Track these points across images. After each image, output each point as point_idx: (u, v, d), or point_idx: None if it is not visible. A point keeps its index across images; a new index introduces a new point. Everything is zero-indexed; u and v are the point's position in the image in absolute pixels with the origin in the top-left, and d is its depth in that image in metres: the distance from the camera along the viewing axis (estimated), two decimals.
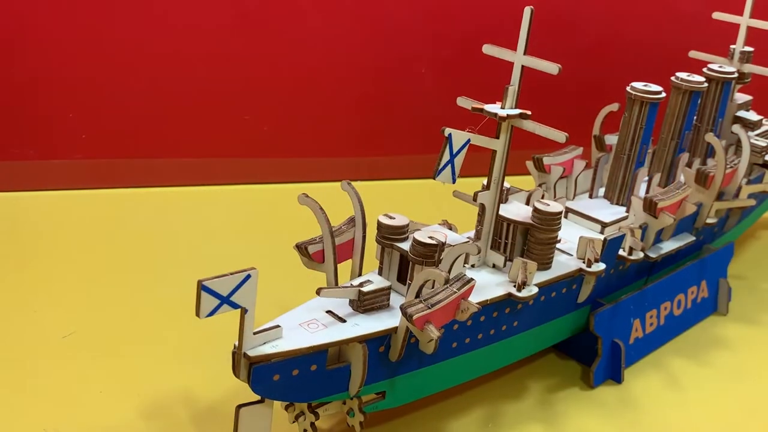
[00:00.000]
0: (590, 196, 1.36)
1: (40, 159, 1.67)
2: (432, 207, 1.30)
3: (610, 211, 1.30)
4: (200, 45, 1.68)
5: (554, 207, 1.09)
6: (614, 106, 1.39)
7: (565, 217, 1.28)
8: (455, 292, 0.92)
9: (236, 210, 1.70)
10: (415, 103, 1.86)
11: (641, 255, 1.23)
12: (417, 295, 0.93)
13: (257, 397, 0.91)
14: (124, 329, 1.24)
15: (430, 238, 0.97)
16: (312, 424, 0.97)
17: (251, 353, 0.86)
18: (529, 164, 1.31)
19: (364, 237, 1.04)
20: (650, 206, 1.21)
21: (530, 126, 1.03)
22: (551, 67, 0.99)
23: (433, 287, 0.94)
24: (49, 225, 1.55)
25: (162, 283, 1.36)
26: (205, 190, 1.76)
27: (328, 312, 0.96)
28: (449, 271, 0.97)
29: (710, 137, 1.35)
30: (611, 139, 1.39)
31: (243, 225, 1.62)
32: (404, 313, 0.89)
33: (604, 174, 1.36)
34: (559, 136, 1.00)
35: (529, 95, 1.08)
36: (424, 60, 1.84)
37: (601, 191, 1.36)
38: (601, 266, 1.14)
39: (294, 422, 0.97)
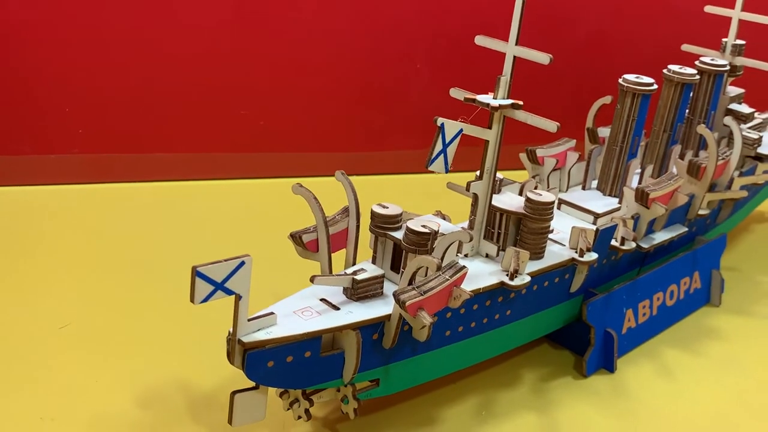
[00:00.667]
0: (583, 188, 1.36)
1: (36, 154, 1.68)
2: (426, 201, 1.31)
3: (602, 203, 1.31)
4: (197, 40, 1.69)
5: (546, 197, 1.10)
6: (607, 99, 1.40)
7: (558, 208, 1.29)
8: (448, 280, 0.93)
9: (232, 204, 1.70)
10: (410, 98, 1.87)
11: (633, 245, 1.24)
12: (410, 283, 0.94)
13: (252, 384, 0.91)
14: (120, 321, 1.25)
15: (423, 226, 0.98)
16: (306, 411, 0.97)
17: (246, 339, 0.87)
18: (523, 156, 1.32)
19: (357, 227, 1.05)
20: (642, 196, 1.22)
21: (522, 116, 1.03)
22: (542, 57, 1.00)
23: (425, 275, 0.95)
24: (45, 220, 1.55)
25: (157, 275, 1.37)
26: (201, 184, 1.77)
27: (322, 300, 0.97)
28: (442, 259, 0.98)
29: (702, 129, 1.35)
30: (604, 132, 1.40)
31: (238, 219, 1.63)
32: (397, 300, 0.90)
33: (597, 166, 1.37)
34: (551, 125, 1.00)
35: (522, 90, 1.09)
36: (420, 56, 1.85)
37: (594, 183, 1.37)
38: (594, 256, 1.15)
39: (288, 409, 0.98)
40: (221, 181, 1.79)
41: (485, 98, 1.03)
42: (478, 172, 1.09)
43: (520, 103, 1.03)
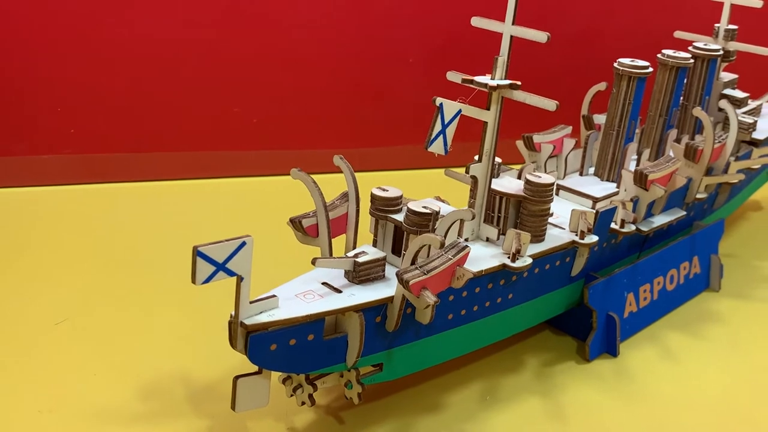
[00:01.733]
0: (580, 174, 1.36)
1: (28, 154, 1.66)
2: (423, 197, 1.30)
3: (601, 187, 1.30)
4: (189, 38, 1.68)
5: (546, 178, 1.09)
6: (602, 85, 1.40)
7: (557, 194, 1.29)
8: (451, 259, 0.92)
9: (226, 203, 1.69)
10: (404, 93, 1.87)
11: (633, 228, 1.23)
12: (412, 262, 0.93)
13: (255, 369, 0.90)
14: (116, 316, 1.23)
15: (425, 207, 0.97)
16: (310, 396, 0.96)
17: (248, 322, 0.86)
18: (519, 143, 1.31)
19: (357, 211, 1.04)
20: (641, 178, 1.21)
21: (520, 96, 1.03)
22: (539, 36, 1.00)
23: (428, 255, 0.94)
24: (39, 220, 1.54)
25: (151, 273, 1.36)
26: (195, 183, 1.76)
27: (324, 283, 0.95)
28: (445, 237, 0.97)
29: (698, 111, 1.35)
30: (599, 119, 1.40)
31: (232, 217, 1.62)
32: (400, 279, 0.89)
33: (594, 152, 1.37)
34: (550, 104, 1.00)
35: (516, 78, 1.08)
36: (412, 50, 1.85)
37: (591, 170, 1.37)
38: (594, 238, 1.15)
39: (292, 395, 0.97)
40: (215, 179, 1.78)
41: (483, 79, 1.03)
42: (476, 156, 1.08)
43: (518, 83, 1.03)
